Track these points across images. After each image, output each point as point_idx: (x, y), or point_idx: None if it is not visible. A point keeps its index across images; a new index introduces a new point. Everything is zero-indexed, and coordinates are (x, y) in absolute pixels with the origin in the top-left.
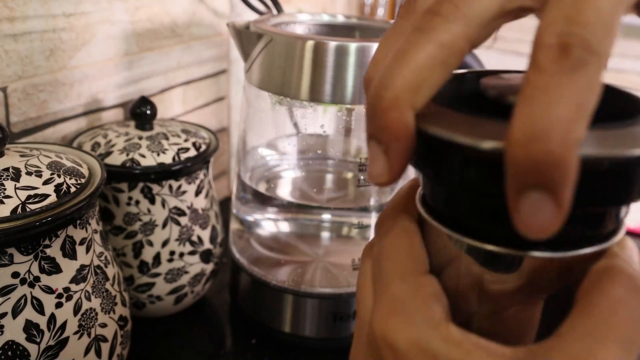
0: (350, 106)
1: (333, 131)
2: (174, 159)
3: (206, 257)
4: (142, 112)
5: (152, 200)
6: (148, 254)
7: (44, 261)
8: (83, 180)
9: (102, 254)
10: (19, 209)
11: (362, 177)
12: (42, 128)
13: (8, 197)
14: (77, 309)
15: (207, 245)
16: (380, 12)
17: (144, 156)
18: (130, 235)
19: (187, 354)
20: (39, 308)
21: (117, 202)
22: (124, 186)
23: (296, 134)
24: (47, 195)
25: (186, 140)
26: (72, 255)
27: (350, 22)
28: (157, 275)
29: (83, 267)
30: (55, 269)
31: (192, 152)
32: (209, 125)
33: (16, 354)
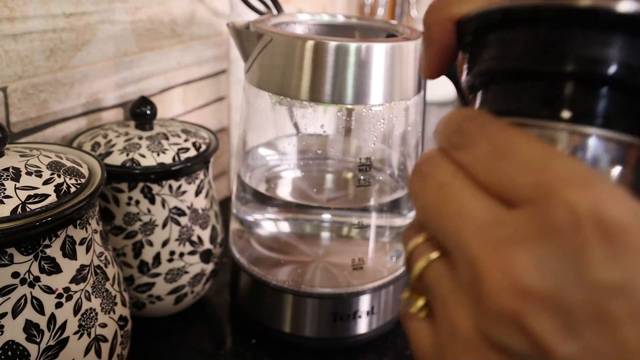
0: (350, 106)
1: (333, 131)
2: (174, 159)
3: (206, 257)
4: (142, 112)
5: (152, 200)
6: (148, 254)
7: (44, 261)
8: (83, 180)
9: (102, 254)
10: (19, 209)
11: (362, 177)
12: (42, 128)
13: (8, 197)
14: (77, 309)
15: (207, 245)
16: (380, 12)
17: (144, 156)
18: (130, 235)
19: (187, 354)
20: (39, 308)
21: (117, 202)
22: (124, 186)
23: (296, 134)
24: (47, 195)
25: (186, 140)
26: (72, 255)
27: (350, 22)
28: (157, 275)
29: (83, 267)
30: (55, 269)
31: (192, 152)
32: (209, 125)
33: (16, 354)
